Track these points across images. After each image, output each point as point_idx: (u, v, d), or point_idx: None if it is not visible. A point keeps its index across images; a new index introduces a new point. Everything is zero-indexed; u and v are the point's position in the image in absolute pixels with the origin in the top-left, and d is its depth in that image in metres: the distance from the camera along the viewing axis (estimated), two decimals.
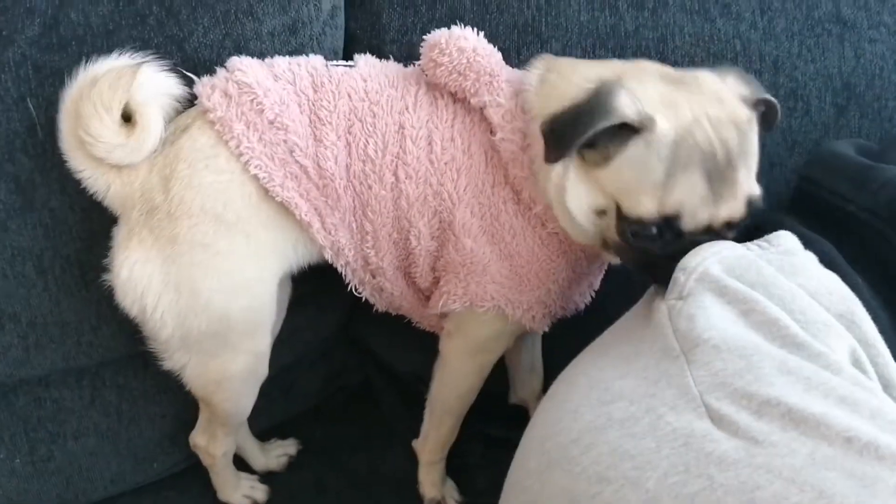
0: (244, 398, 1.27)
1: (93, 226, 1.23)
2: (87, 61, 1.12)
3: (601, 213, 1.06)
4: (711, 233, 1.00)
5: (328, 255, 1.20)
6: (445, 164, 1.15)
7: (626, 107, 0.98)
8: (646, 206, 0.99)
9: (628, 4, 1.35)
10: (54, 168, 1.18)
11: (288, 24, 1.27)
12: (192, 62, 1.24)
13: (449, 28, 1.16)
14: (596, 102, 0.99)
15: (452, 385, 1.31)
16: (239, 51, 1.24)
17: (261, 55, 1.23)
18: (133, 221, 1.13)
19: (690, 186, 0.98)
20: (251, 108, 1.13)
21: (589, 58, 1.33)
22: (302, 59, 1.21)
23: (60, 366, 1.32)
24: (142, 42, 1.21)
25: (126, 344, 1.30)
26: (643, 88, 1.01)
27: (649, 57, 1.24)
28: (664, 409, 0.82)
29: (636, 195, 1.00)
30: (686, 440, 0.78)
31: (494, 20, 1.34)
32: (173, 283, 1.13)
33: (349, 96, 1.16)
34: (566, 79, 1.09)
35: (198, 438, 1.35)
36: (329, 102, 1.15)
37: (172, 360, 1.20)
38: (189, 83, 1.18)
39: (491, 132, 1.14)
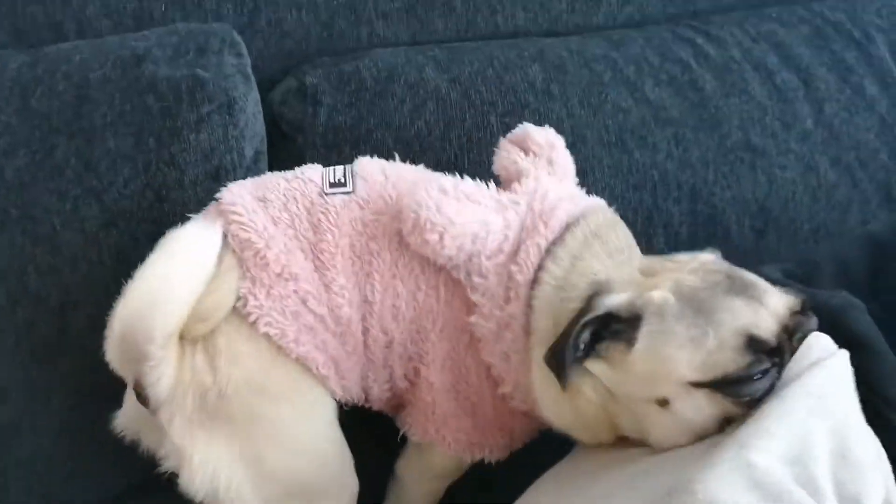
0: None
1: None
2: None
3: (663, 402, 0.95)
4: (796, 332, 0.95)
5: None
6: (426, 312, 1.09)
7: (612, 300, 0.96)
8: (722, 360, 0.91)
9: None
10: None
11: (211, 172, 1.26)
12: (111, 213, 1.23)
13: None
14: (584, 308, 0.97)
15: None
16: (160, 201, 1.23)
17: (183, 204, 1.22)
18: (189, 409, 1.05)
19: (729, 310, 0.93)
20: (255, 264, 1.06)
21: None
22: (297, 182, 1.11)
23: None
24: (59, 195, 1.20)
25: None
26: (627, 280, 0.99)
27: None
28: None
29: (701, 359, 0.92)
30: None
31: (417, 158, 1.33)
32: (238, 458, 1.07)
33: (349, 227, 1.09)
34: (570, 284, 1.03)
35: None
36: (332, 242, 1.08)
37: None
38: None
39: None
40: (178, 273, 1.00)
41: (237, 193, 1.10)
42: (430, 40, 1.50)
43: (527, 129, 1.18)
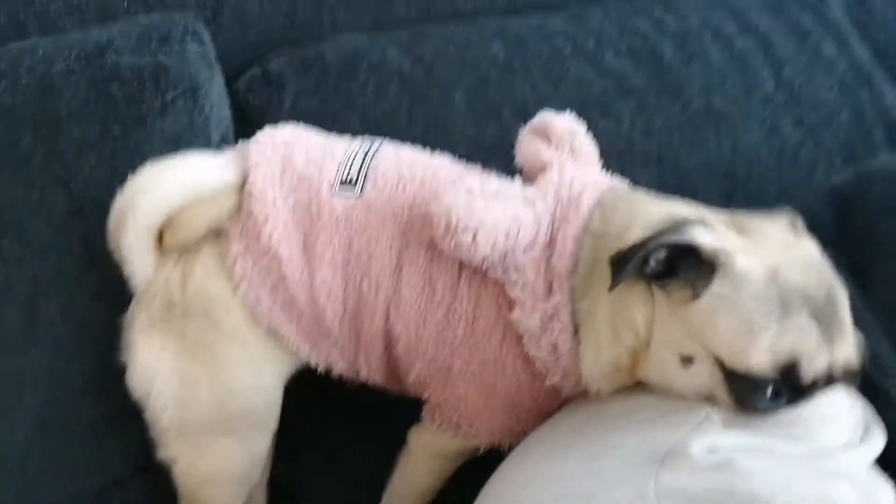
0: (232, 501, 1.24)
1: None
2: None
3: (687, 360, 0.95)
4: (830, 383, 0.93)
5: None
6: (445, 313, 1.10)
7: (701, 235, 0.93)
8: (756, 359, 0.89)
9: (512, 114, 1.39)
10: None
11: None
12: (79, 202, 1.23)
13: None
14: (665, 229, 0.94)
15: (414, 480, 1.27)
16: None
17: None
18: (154, 312, 1.14)
19: (800, 329, 0.89)
20: (251, 233, 1.11)
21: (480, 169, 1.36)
22: (313, 167, 1.13)
23: None
24: (25, 185, 1.20)
25: None
26: (722, 230, 0.97)
27: None
28: None
29: (742, 347, 0.90)
30: None
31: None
32: (179, 374, 1.15)
33: (347, 230, 1.12)
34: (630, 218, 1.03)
35: None
36: (326, 238, 1.11)
37: (167, 449, 1.19)
38: None
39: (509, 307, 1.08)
40: (175, 177, 1.11)
41: (267, 154, 1.15)
42: (391, 24, 1.51)
43: (546, 117, 1.20)
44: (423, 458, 1.25)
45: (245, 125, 1.39)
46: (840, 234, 1.19)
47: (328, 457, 1.45)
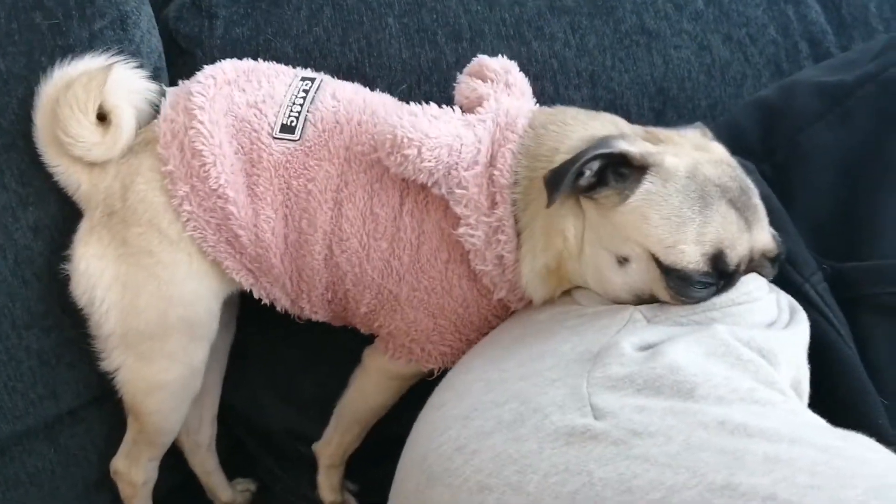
0: (174, 412, 1.28)
1: None
2: None
3: (623, 260, 1.02)
4: (753, 268, 1.01)
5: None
6: (389, 243, 1.16)
7: (626, 145, 1.00)
8: (688, 254, 0.96)
9: (447, 38, 1.39)
10: None
11: None
12: (11, 135, 1.22)
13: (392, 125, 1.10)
14: (592, 146, 1.01)
15: (367, 397, 1.32)
16: None
17: None
18: (95, 220, 1.19)
19: (722, 217, 0.97)
20: (197, 174, 1.15)
21: (414, 93, 1.37)
22: (254, 112, 1.18)
23: None
24: None
25: None
26: (637, 140, 1.04)
27: None
28: (551, 409, 0.83)
29: (673, 244, 0.97)
30: (567, 439, 0.79)
31: (318, 65, 1.35)
32: (121, 280, 1.18)
33: (287, 173, 1.16)
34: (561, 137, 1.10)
35: (119, 463, 1.32)
36: (266, 179, 1.16)
37: (110, 358, 1.23)
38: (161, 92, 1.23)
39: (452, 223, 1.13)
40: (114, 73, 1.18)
41: (210, 94, 1.18)
42: None
43: (481, 59, 1.26)
44: (378, 378, 1.30)
45: (178, 55, 1.38)
46: (764, 143, 1.23)
47: (281, 382, 1.48)
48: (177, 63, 1.37)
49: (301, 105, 1.19)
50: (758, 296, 0.99)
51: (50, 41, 1.23)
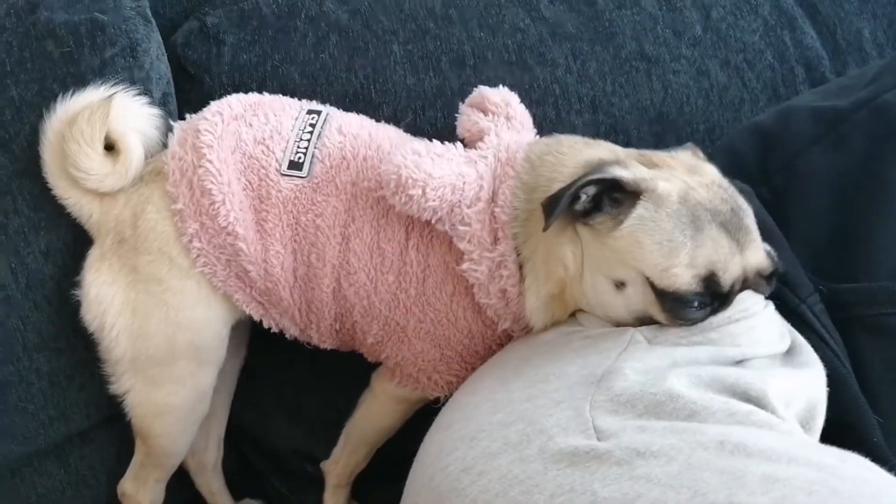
0: (181, 435, 1.30)
1: None
2: None
3: (620, 284, 1.05)
4: (749, 286, 1.04)
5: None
6: (395, 277, 1.18)
7: (620, 171, 1.03)
8: (681, 277, 0.99)
9: (450, 63, 1.42)
10: None
11: None
12: (23, 162, 1.24)
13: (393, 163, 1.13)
14: (588, 171, 1.05)
15: (374, 419, 1.34)
16: None
17: None
18: (105, 247, 1.22)
19: (713, 241, 1.00)
20: (206, 212, 1.18)
21: (419, 119, 1.40)
22: (261, 149, 1.20)
23: None
24: None
25: None
26: (632, 165, 1.07)
27: None
28: (556, 430, 0.85)
29: (666, 267, 1.00)
30: (572, 460, 0.81)
31: (324, 91, 1.38)
32: (131, 306, 1.21)
33: (295, 209, 1.19)
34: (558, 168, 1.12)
35: (127, 485, 1.34)
36: (275, 216, 1.19)
37: (120, 382, 1.25)
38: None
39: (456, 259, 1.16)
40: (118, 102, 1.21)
41: (218, 132, 1.20)
42: None
43: (483, 91, 1.29)
44: (386, 401, 1.32)
45: (186, 81, 1.41)
46: (762, 167, 1.25)
47: (289, 402, 1.50)
48: (185, 88, 1.40)
49: (308, 140, 1.22)
50: (755, 311, 1.02)
51: (62, 69, 1.26)
